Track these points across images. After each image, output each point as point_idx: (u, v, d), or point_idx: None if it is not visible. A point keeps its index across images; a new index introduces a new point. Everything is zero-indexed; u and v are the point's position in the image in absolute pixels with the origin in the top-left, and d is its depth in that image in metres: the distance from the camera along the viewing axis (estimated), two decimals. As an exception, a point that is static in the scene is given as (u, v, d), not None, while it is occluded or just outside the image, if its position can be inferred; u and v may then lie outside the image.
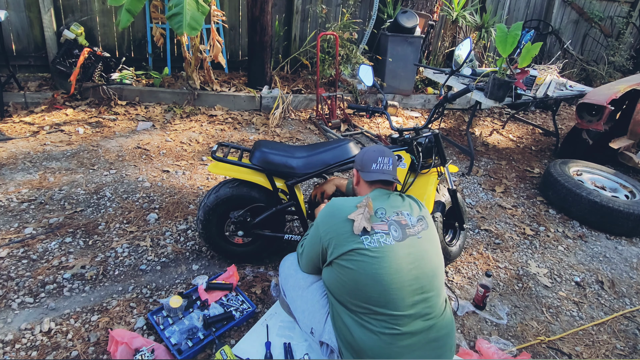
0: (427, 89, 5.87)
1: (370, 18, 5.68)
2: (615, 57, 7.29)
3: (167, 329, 1.95)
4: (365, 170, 1.79)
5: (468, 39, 2.32)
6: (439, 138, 2.33)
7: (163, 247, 2.57)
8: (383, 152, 1.80)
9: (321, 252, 1.67)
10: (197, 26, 3.63)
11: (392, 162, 1.80)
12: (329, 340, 1.66)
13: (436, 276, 1.60)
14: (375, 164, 1.77)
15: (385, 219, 1.62)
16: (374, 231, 1.57)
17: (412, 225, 1.63)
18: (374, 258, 1.52)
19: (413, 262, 1.56)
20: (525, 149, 4.83)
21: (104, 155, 3.51)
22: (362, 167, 1.80)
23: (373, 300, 1.51)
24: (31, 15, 4.31)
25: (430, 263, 1.60)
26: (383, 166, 1.77)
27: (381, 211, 1.64)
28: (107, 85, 4.39)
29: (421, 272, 1.55)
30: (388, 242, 1.55)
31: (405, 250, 1.56)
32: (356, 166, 1.86)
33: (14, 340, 1.88)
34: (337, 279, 1.58)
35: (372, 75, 2.45)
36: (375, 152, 1.80)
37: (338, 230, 1.59)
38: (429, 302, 1.55)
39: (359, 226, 1.56)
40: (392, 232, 1.58)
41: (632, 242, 3.25)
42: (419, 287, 1.54)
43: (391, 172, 1.77)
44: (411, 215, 1.67)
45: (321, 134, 4.48)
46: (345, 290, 1.56)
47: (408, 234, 1.60)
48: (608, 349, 2.24)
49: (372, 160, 1.78)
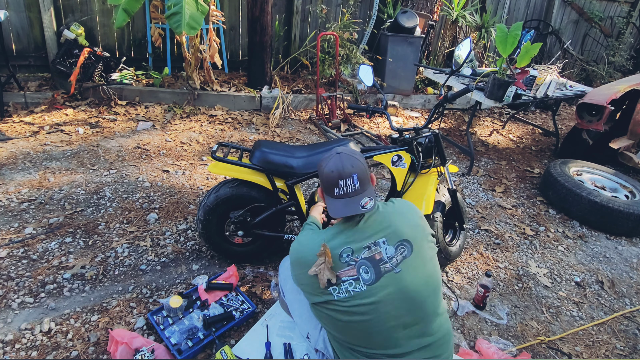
0: (427, 89, 5.87)
1: (370, 18, 5.68)
2: (615, 57, 7.29)
3: (167, 329, 1.95)
4: (328, 194, 1.51)
5: (468, 39, 2.32)
6: (439, 138, 2.33)
7: (163, 247, 2.57)
8: (340, 170, 1.46)
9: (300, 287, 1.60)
10: (196, 26, 3.63)
11: (357, 179, 1.46)
12: (323, 349, 1.65)
13: (423, 307, 1.42)
14: (337, 189, 1.47)
15: (352, 261, 1.41)
16: (340, 280, 1.40)
17: (389, 258, 1.41)
18: (346, 309, 1.40)
19: (393, 300, 1.39)
20: (525, 149, 4.83)
21: (104, 155, 3.51)
22: (325, 190, 1.52)
23: (357, 340, 1.44)
24: (31, 15, 4.31)
25: (415, 294, 1.41)
26: (348, 189, 1.46)
27: (347, 252, 1.42)
28: (107, 85, 4.39)
29: (405, 309, 1.40)
30: (358, 289, 1.39)
31: (381, 292, 1.38)
32: (320, 184, 1.58)
33: (14, 340, 1.88)
34: (320, 316, 1.53)
35: (372, 75, 2.45)
36: (334, 172, 1.46)
37: (305, 281, 1.48)
38: (421, 329, 1.43)
39: (323, 280, 1.41)
40: (362, 276, 1.40)
41: (632, 242, 3.25)
42: (404, 324, 1.41)
43: (359, 194, 1.46)
44: (388, 244, 1.43)
45: (321, 134, 4.48)
46: (330, 326, 1.51)
47: (383, 272, 1.40)
48: (608, 349, 2.23)
49: (332, 184, 1.47)
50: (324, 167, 1.51)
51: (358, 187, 1.47)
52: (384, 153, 2.31)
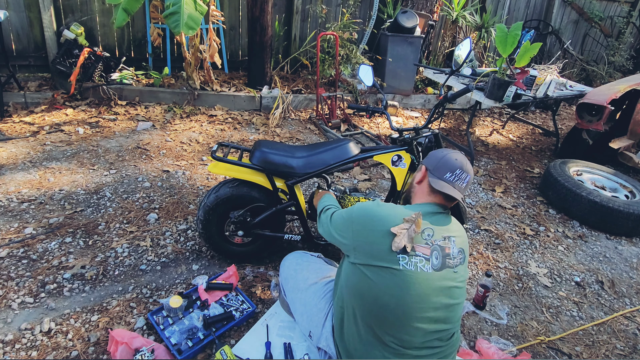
0: (427, 89, 5.87)
1: (370, 18, 5.68)
2: (615, 57, 7.29)
3: (167, 329, 1.95)
4: (436, 175, 1.58)
5: (468, 39, 2.32)
6: (439, 138, 2.33)
7: (163, 247, 2.57)
8: (464, 165, 1.58)
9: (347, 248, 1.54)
10: (194, 26, 3.62)
11: (468, 180, 1.59)
12: (326, 347, 1.64)
13: (456, 311, 1.49)
14: (451, 174, 1.56)
15: (430, 242, 1.45)
16: (414, 252, 1.41)
17: (453, 257, 1.48)
18: (405, 282, 1.39)
19: (440, 294, 1.43)
20: (525, 149, 4.83)
21: (104, 155, 3.51)
22: (434, 170, 1.59)
23: (388, 322, 1.42)
24: (31, 15, 4.31)
25: (456, 299, 1.47)
26: (458, 181, 1.56)
27: (429, 232, 1.47)
28: (107, 85, 4.39)
29: (444, 306, 1.45)
30: (425, 269, 1.41)
31: (438, 283, 1.43)
32: (427, 163, 1.64)
33: (14, 340, 1.88)
34: (357, 287, 1.46)
35: (372, 75, 2.45)
36: (457, 161, 1.58)
37: (373, 239, 1.45)
38: (441, 333, 1.47)
39: (399, 243, 1.40)
40: (433, 259, 1.44)
41: (632, 242, 3.25)
42: (437, 319, 1.44)
43: (462, 190, 1.58)
44: (455, 245, 1.51)
45: (321, 134, 4.48)
46: (362, 302, 1.46)
47: (447, 265, 1.46)
48: (608, 349, 2.23)
49: (449, 168, 1.56)
50: (447, 153, 1.62)
51: (463, 186, 1.58)
52: (384, 153, 2.31)
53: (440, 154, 1.63)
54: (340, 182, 3.59)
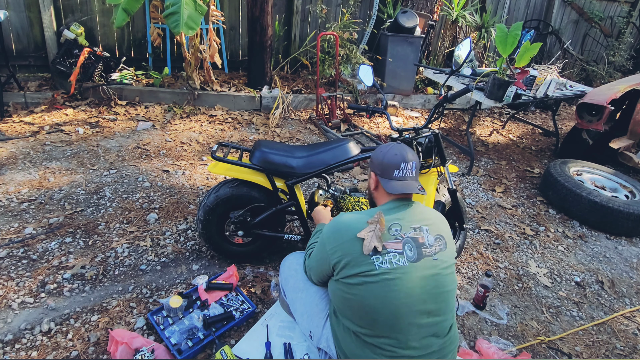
0: (427, 89, 5.87)
1: (370, 18, 5.68)
2: (615, 57, 7.29)
3: (167, 329, 1.95)
4: (385, 177, 1.61)
5: (468, 39, 2.32)
6: (438, 138, 2.33)
7: (163, 247, 2.57)
8: (404, 154, 1.61)
9: (327, 269, 1.57)
10: (194, 26, 3.62)
11: (415, 166, 1.62)
12: (326, 348, 1.64)
13: (447, 301, 1.49)
14: (397, 171, 1.59)
15: (400, 236, 1.47)
16: (386, 250, 1.44)
17: (429, 245, 1.49)
18: (384, 280, 1.41)
19: (425, 285, 1.44)
20: (525, 149, 4.83)
21: (104, 155, 3.51)
22: (382, 172, 1.62)
23: (379, 323, 1.43)
24: (31, 15, 4.31)
25: (442, 287, 1.47)
26: (406, 173, 1.60)
27: (396, 227, 1.49)
28: (107, 85, 4.39)
29: (432, 296, 1.45)
30: (401, 263, 1.43)
31: (419, 273, 1.44)
32: (374, 168, 1.67)
33: (14, 340, 1.88)
34: (343, 297, 1.50)
35: (372, 75, 2.45)
36: (397, 155, 1.60)
37: (346, 250, 1.47)
38: (436, 326, 1.47)
39: (369, 245, 1.43)
40: (407, 252, 1.45)
41: (632, 242, 3.25)
42: (428, 312, 1.44)
43: (415, 180, 1.62)
44: (429, 233, 1.52)
45: (321, 134, 4.48)
46: (351, 309, 1.48)
47: (424, 254, 1.46)
48: (608, 349, 2.24)
49: (393, 166, 1.59)
50: (386, 151, 1.64)
51: (414, 174, 1.62)
52: (384, 153, 2.31)
53: (380, 155, 1.65)
54: (340, 182, 3.59)
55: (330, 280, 1.60)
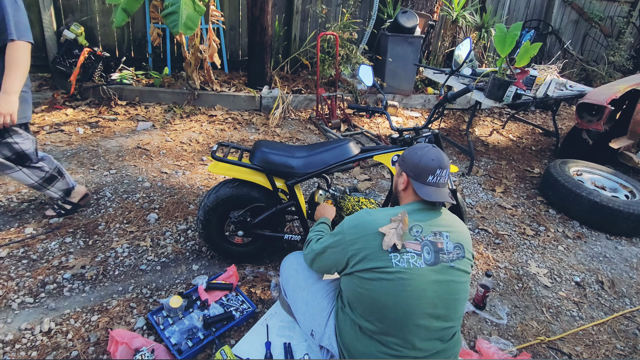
0: (427, 89, 5.87)
1: (370, 18, 5.68)
2: (615, 57, 7.29)
3: (167, 329, 1.95)
4: (419, 180, 1.59)
5: (468, 39, 2.32)
6: (439, 138, 2.33)
7: (163, 247, 2.57)
8: (441, 161, 1.59)
9: (341, 261, 1.56)
10: (193, 26, 3.62)
11: (447, 173, 1.62)
12: (329, 346, 1.64)
13: (456, 308, 1.50)
14: (432, 177, 1.58)
15: (420, 238, 1.49)
16: (405, 249, 1.45)
17: (448, 252, 1.50)
18: (399, 279, 1.42)
19: (438, 290, 1.45)
20: (525, 149, 4.83)
21: (104, 155, 3.51)
22: (416, 175, 1.60)
23: (388, 320, 1.44)
24: (31, 15, 4.30)
25: (454, 294, 1.48)
26: (440, 179, 1.59)
27: (417, 229, 1.50)
28: (107, 85, 4.39)
29: (443, 302, 1.46)
30: (418, 265, 1.44)
31: (434, 277, 1.45)
32: (406, 169, 1.64)
33: (14, 340, 1.89)
34: (356, 291, 1.50)
35: (372, 75, 2.45)
36: (434, 161, 1.58)
37: (367, 243, 1.48)
38: (443, 331, 1.48)
39: (389, 242, 1.44)
40: (425, 254, 1.46)
41: (632, 242, 3.25)
42: (437, 316, 1.46)
43: (445, 187, 1.61)
44: (449, 239, 1.52)
45: (321, 134, 4.48)
46: (362, 304, 1.49)
47: (441, 260, 1.48)
48: (608, 349, 2.24)
49: (429, 171, 1.58)
50: (423, 154, 1.61)
51: (446, 181, 1.62)
52: (384, 153, 2.31)
53: (416, 157, 1.62)
54: (340, 182, 3.59)
55: (343, 277, 1.60)
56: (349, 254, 1.53)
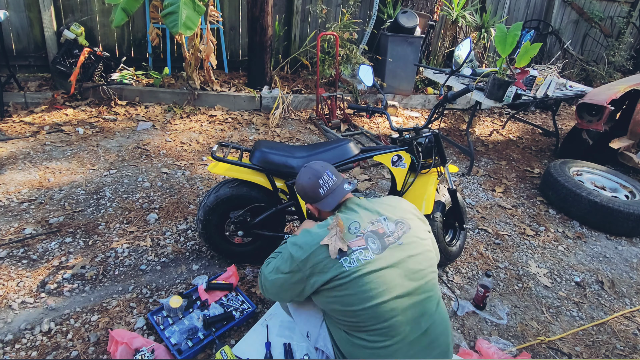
0: (427, 89, 5.87)
1: (370, 18, 5.68)
2: (615, 57, 7.29)
3: (167, 329, 1.95)
4: (319, 200, 1.68)
5: (468, 39, 2.32)
6: (439, 138, 2.33)
7: (163, 247, 2.57)
8: (315, 172, 1.69)
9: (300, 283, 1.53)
10: (192, 26, 3.62)
11: (330, 172, 1.70)
12: (324, 347, 1.65)
13: (424, 278, 1.53)
14: (321, 189, 1.67)
15: (360, 232, 1.52)
16: (351, 250, 1.48)
17: (391, 232, 1.55)
18: (356, 278, 1.45)
19: (396, 270, 1.48)
20: (525, 149, 4.83)
21: (104, 155, 3.51)
22: (313, 199, 1.69)
23: (363, 318, 1.46)
24: (31, 15, 4.31)
25: (416, 267, 1.52)
26: (329, 184, 1.67)
27: (354, 225, 1.54)
28: (107, 85, 4.39)
29: (408, 279, 1.49)
30: (368, 258, 1.47)
31: (387, 261, 1.48)
32: (306, 200, 1.73)
33: (14, 340, 1.88)
34: (326, 303, 1.53)
35: (372, 75, 2.45)
36: (311, 178, 1.68)
37: (316, 258, 1.49)
38: (420, 306, 1.50)
39: (334, 249, 1.47)
40: (370, 245, 1.50)
41: (632, 242, 3.25)
42: (407, 294, 1.48)
43: (339, 184, 1.68)
44: (388, 220, 1.58)
45: (321, 134, 4.48)
46: (335, 312, 1.52)
47: (387, 243, 1.52)
48: (608, 349, 2.23)
49: (315, 187, 1.67)
50: (301, 181, 1.72)
51: (335, 179, 1.70)
52: (384, 153, 2.31)
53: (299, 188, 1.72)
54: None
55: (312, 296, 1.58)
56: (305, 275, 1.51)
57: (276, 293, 1.64)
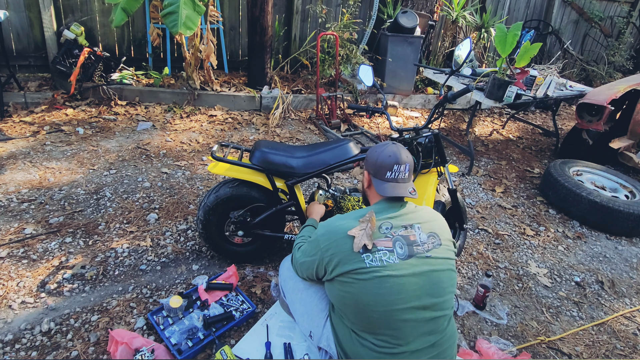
0: (427, 89, 5.87)
1: (370, 18, 5.68)
2: (615, 57, 7.29)
3: (167, 329, 1.95)
4: (378, 177, 1.63)
5: (468, 39, 2.32)
6: (438, 138, 2.33)
7: (163, 247, 2.57)
8: (398, 157, 1.62)
9: (320, 267, 1.58)
10: (192, 26, 3.62)
11: (408, 169, 1.63)
12: (327, 347, 1.65)
13: (443, 297, 1.49)
14: (390, 172, 1.61)
15: (390, 234, 1.50)
16: (376, 248, 1.46)
17: (422, 243, 1.51)
18: (375, 277, 1.43)
19: (418, 282, 1.45)
20: (525, 149, 4.83)
21: (104, 155, 3.51)
22: (375, 173, 1.64)
23: (374, 320, 1.45)
24: (31, 15, 4.31)
25: (438, 284, 1.48)
26: (399, 175, 1.61)
27: (386, 226, 1.52)
28: (107, 85, 4.39)
29: (426, 293, 1.46)
30: (391, 261, 1.45)
31: (411, 270, 1.45)
32: (367, 167, 1.68)
33: (14, 340, 1.88)
34: (339, 296, 1.52)
35: (372, 75, 2.45)
36: (391, 157, 1.61)
37: (339, 248, 1.50)
38: (433, 322, 1.47)
39: (359, 243, 1.46)
40: (397, 249, 1.47)
41: (632, 242, 3.25)
42: (423, 307, 1.45)
43: (406, 182, 1.63)
44: (422, 230, 1.54)
45: (321, 134, 4.48)
46: (347, 307, 1.51)
47: (415, 252, 1.49)
48: (608, 349, 2.23)
49: (386, 167, 1.61)
50: (380, 151, 1.65)
51: (407, 176, 1.64)
52: (384, 153, 2.31)
53: (374, 154, 1.66)
54: (340, 182, 3.59)
55: (326, 283, 1.61)
56: (325, 261, 1.54)
57: (306, 275, 1.68)
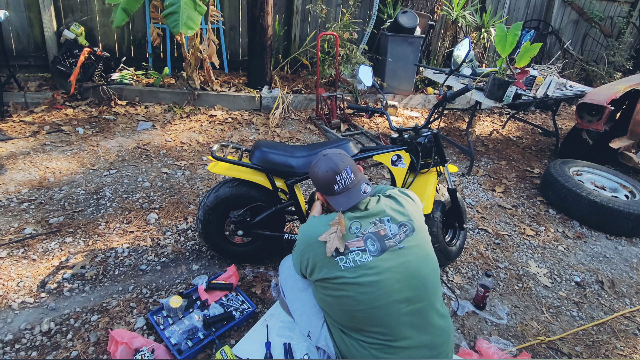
0: (427, 89, 5.87)
1: (370, 18, 5.68)
2: (615, 57, 7.29)
3: (167, 329, 1.95)
4: (329, 194, 1.63)
5: (467, 39, 2.32)
6: (438, 138, 2.33)
7: (163, 247, 2.57)
8: (335, 167, 1.60)
9: (303, 269, 1.61)
10: (193, 26, 3.62)
11: (350, 170, 1.61)
12: (325, 347, 1.65)
13: (425, 285, 1.49)
14: (336, 185, 1.60)
15: (360, 233, 1.50)
16: (348, 250, 1.47)
17: (393, 235, 1.51)
18: (351, 279, 1.44)
19: (395, 275, 1.45)
20: (525, 149, 4.83)
21: (104, 155, 3.51)
22: (325, 191, 1.64)
23: (360, 319, 1.45)
24: (31, 15, 4.31)
25: (417, 272, 1.48)
26: (345, 182, 1.59)
27: (356, 225, 1.52)
28: (107, 85, 4.39)
29: (407, 284, 1.46)
30: (365, 260, 1.46)
31: (386, 265, 1.46)
32: (316, 188, 1.69)
33: (14, 340, 1.89)
34: (322, 299, 1.54)
35: (372, 76, 2.45)
36: (328, 171, 1.60)
37: (313, 252, 1.51)
38: (421, 313, 1.47)
39: (330, 248, 1.47)
40: (369, 247, 1.48)
41: (632, 242, 3.25)
42: (407, 300, 1.45)
43: (356, 185, 1.60)
44: (392, 222, 1.54)
45: (321, 134, 4.48)
46: (331, 310, 1.52)
47: (387, 246, 1.49)
48: (608, 349, 2.23)
49: (330, 182, 1.60)
50: (317, 170, 1.64)
51: (353, 178, 1.62)
52: (384, 153, 2.31)
53: (314, 175, 1.65)
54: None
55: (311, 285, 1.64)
56: (304, 264, 1.57)
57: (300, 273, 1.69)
